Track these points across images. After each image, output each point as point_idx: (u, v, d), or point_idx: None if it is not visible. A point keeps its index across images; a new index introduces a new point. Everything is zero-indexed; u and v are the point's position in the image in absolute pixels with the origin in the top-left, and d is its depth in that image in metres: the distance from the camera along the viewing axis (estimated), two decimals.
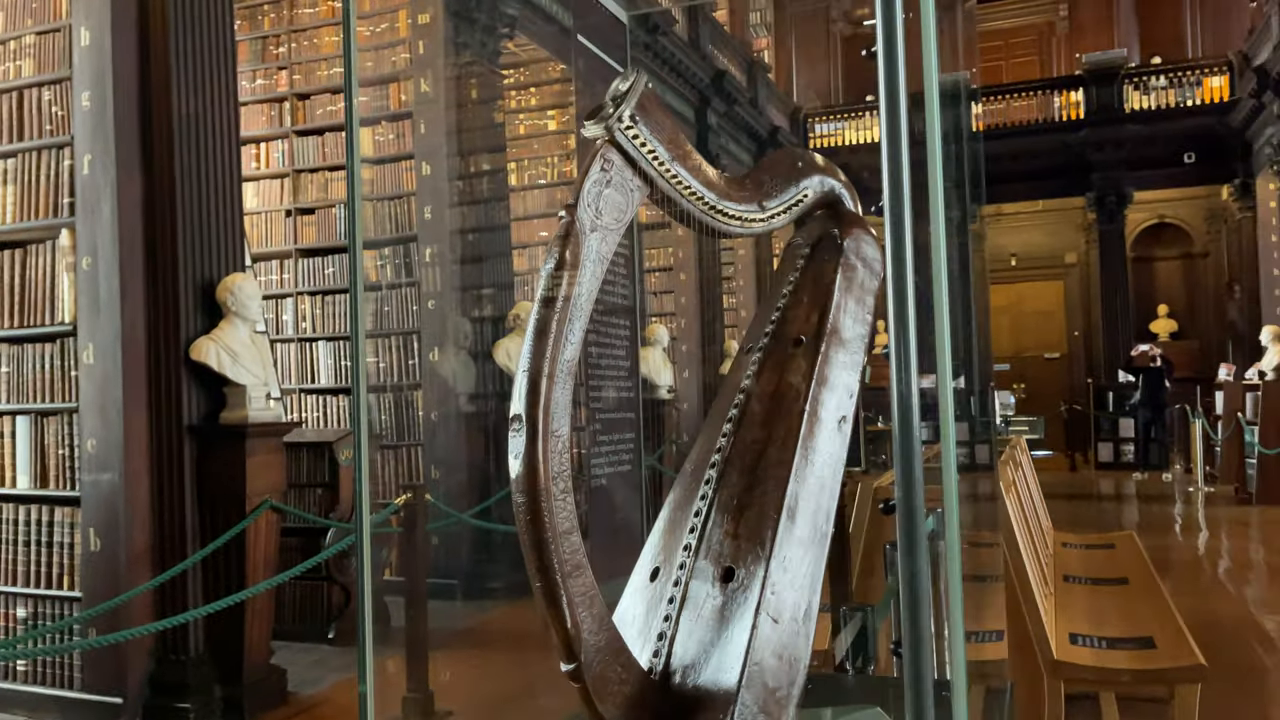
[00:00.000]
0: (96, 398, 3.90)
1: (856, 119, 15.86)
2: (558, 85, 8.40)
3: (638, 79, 1.01)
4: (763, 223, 1.14)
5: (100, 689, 3.87)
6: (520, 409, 0.93)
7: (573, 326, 0.97)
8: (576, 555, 0.94)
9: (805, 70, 17.55)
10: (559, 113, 8.48)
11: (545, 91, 8.46)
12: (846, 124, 15.93)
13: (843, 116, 16.07)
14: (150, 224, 4.01)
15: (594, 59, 1.61)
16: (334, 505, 5.16)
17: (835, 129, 15.82)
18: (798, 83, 17.20)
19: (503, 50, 6.86)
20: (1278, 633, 4.86)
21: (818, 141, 15.49)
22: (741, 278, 12.03)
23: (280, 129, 6.76)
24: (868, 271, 1.20)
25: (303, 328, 6.58)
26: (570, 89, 8.38)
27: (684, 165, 1.04)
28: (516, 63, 8.01)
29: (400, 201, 6.39)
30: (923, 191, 0.91)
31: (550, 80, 8.34)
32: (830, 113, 16.17)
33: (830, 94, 17.56)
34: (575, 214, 0.98)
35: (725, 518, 1.06)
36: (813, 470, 1.05)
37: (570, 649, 0.93)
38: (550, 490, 0.93)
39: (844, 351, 1.13)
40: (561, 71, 8.29)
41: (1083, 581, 4.09)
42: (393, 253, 6.39)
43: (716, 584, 1.03)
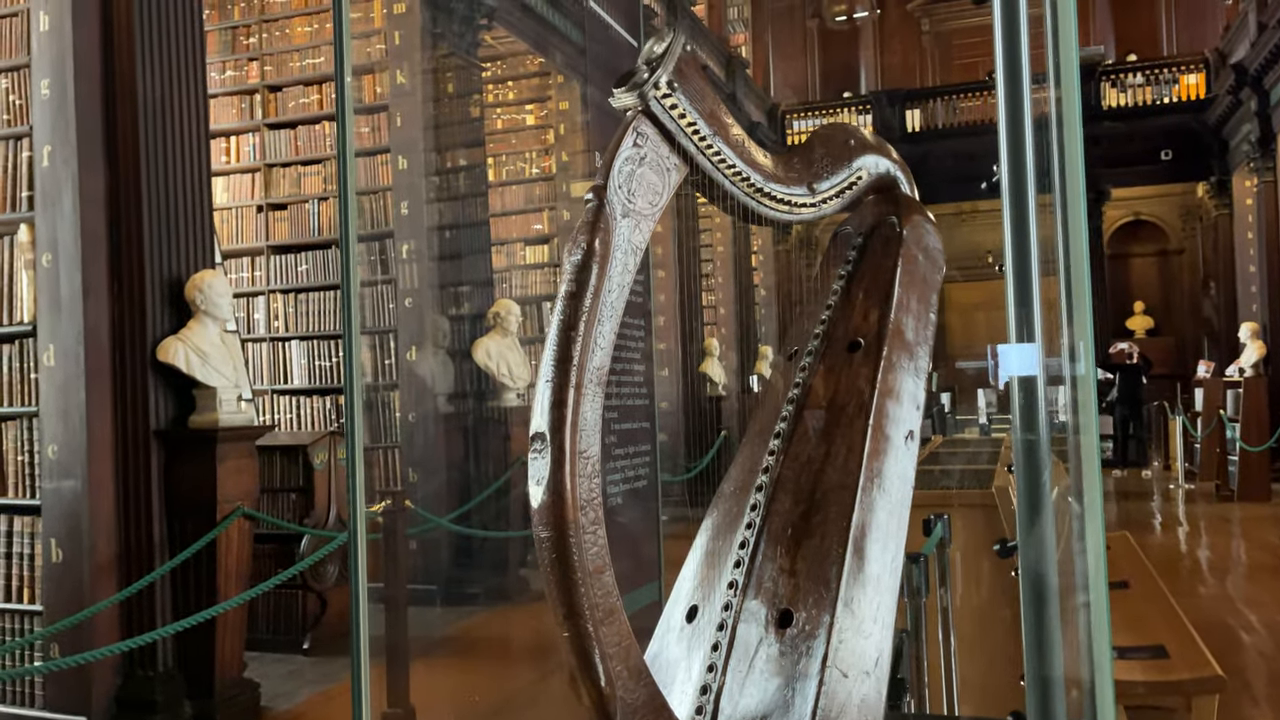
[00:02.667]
0: (58, 401, 3.71)
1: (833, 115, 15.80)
2: (536, 79, 8.23)
3: (675, 39, 0.87)
4: (813, 208, 0.99)
5: (64, 707, 3.68)
6: (543, 426, 0.78)
7: (602, 329, 0.82)
8: (609, 598, 0.80)
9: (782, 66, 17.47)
10: (537, 107, 8.31)
11: (523, 85, 8.29)
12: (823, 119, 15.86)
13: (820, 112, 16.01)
14: (114, 219, 3.82)
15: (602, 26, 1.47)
16: (309, 511, 4.98)
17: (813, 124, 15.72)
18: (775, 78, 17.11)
19: (480, 43, 6.68)
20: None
21: (795, 138, 15.41)
22: (720, 274, 11.90)
23: (250, 122, 6.55)
24: (930, 264, 1.06)
25: (275, 327, 6.38)
26: (548, 82, 8.21)
27: (726, 141, 0.90)
28: (494, 55, 7.83)
29: (376, 197, 6.21)
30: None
31: (529, 74, 8.17)
32: (808, 109, 16.09)
33: (808, 90, 17.49)
34: (604, 196, 0.83)
35: (779, 550, 0.92)
36: (881, 494, 0.91)
37: (604, 710, 0.78)
38: (579, 522, 0.78)
39: (908, 356, 0.98)
40: (540, 65, 8.12)
41: None
42: (368, 249, 6.20)
43: (771, 629, 0.88)
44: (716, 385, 9.68)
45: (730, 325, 11.38)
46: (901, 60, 17.29)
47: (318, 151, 6.41)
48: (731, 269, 11.72)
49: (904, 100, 15.24)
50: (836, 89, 17.20)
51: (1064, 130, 0.84)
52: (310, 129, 6.44)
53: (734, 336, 11.26)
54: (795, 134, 15.58)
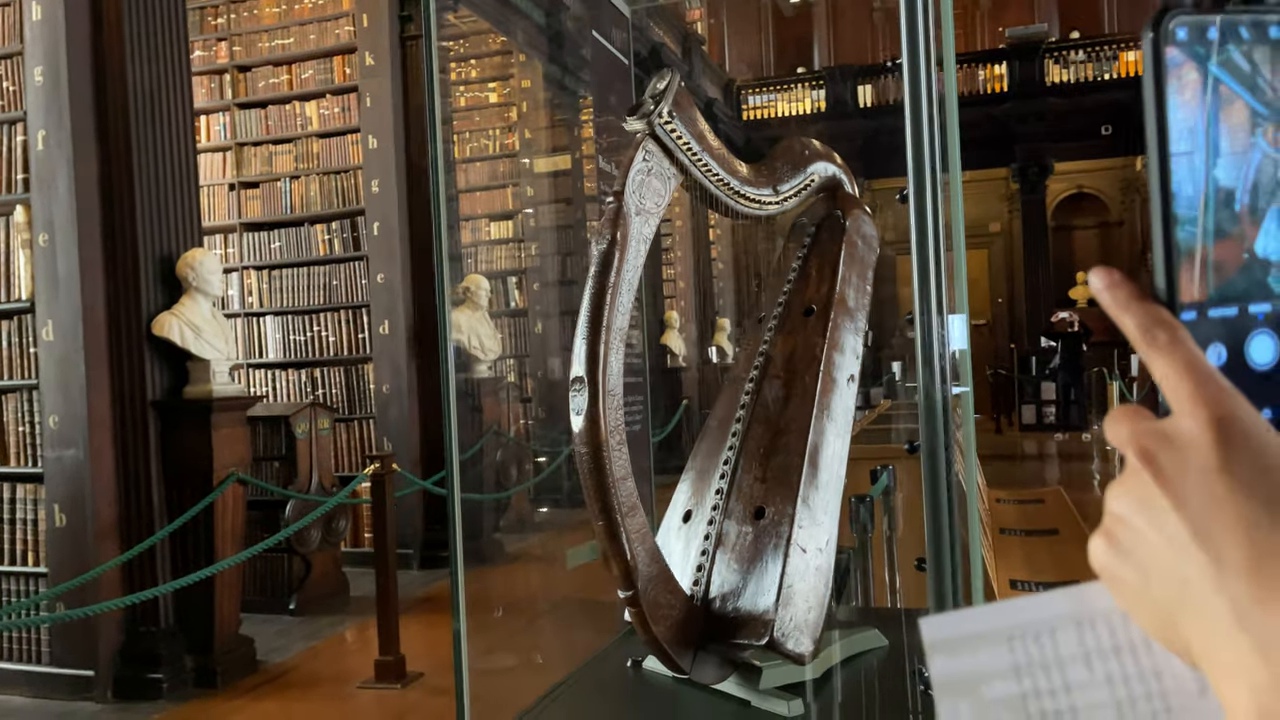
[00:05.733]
0: (58, 374, 3.91)
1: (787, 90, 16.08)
2: (498, 58, 8.41)
3: (673, 79, 1.14)
4: (777, 205, 1.28)
5: (70, 663, 3.90)
6: (581, 371, 1.07)
7: (622, 300, 1.11)
8: (632, 498, 1.08)
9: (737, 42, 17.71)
10: (500, 85, 8.50)
11: (486, 64, 8.47)
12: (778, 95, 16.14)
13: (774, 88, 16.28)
14: (107, 199, 4.00)
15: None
16: (292, 478, 5.21)
17: (768, 100, 16.01)
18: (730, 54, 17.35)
19: (445, 22, 6.86)
20: None
21: (751, 113, 15.68)
22: (680, 248, 12.19)
23: (221, 101, 6.69)
24: (867, 247, 1.36)
25: (249, 302, 6.56)
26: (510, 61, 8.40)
27: (712, 155, 1.18)
28: (457, 34, 8.00)
29: (347, 175, 6.39)
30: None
31: (491, 52, 8.35)
32: (762, 84, 16.35)
33: (762, 66, 17.75)
34: (622, 199, 1.11)
35: (754, 464, 1.21)
36: (829, 422, 1.21)
37: (629, 578, 1.07)
38: (609, 442, 1.07)
39: (850, 319, 1.28)
40: (502, 44, 8.30)
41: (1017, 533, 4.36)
42: (340, 226, 6.39)
43: (748, 522, 1.18)
44: (677, 356, 9.98)
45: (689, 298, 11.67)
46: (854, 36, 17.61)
47: (289, 131, 6.57)
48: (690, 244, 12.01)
49: (856, 76, 15.57)
50: (790, 65, 17.48)
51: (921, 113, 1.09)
52: (281, 109, 6.59)
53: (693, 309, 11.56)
54: (750, 109, 15.85)
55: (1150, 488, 0.35)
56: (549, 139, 8.90)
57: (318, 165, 6.50)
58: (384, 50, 6.13)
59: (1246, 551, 0.32)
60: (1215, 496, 0.33)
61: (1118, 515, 0.37)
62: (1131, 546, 0.36)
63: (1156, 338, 0.36)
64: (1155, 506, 0.35)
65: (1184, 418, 0.35)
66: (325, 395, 6.30)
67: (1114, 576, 0.37)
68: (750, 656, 1.14)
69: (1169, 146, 0.37)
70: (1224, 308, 0.38)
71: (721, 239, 12.93)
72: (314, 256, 6.43)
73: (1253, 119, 0.37)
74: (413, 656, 4.10)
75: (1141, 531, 0.36)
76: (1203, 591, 0.33)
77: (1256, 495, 0.33)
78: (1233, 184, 0.37)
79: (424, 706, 3.79)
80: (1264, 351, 0.38)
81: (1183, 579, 0.34)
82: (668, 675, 1.23)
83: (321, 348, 6.39)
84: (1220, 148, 0.37)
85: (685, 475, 1.30)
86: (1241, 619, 0.32)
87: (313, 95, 6.52)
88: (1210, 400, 0.35)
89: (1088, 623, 0.39)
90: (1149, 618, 0.37)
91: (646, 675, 1.28)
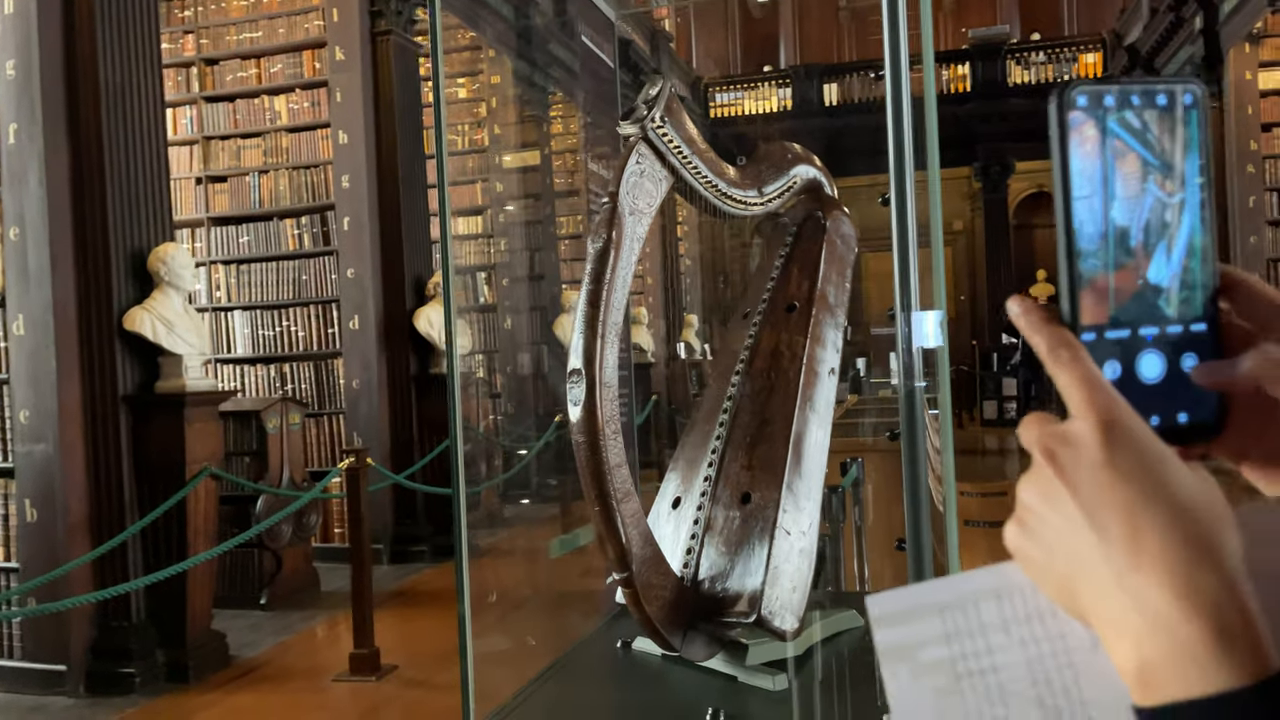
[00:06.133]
0: (28, 368, 3.89)
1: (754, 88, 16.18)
2: (467, 53, 8.41)
3: (665, 85, 1.20)
4: (761, 205, 1.34)
5: (42, 657, 3.89)
6: (579, 365, 1.12)
7: (617, 297, 1.16)
8: (626, 485, 1.14)
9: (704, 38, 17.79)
10: (468, 80, 8.50)
11: (454, 59, 8.47)
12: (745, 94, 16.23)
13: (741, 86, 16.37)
14: (78, 194, 3.99)
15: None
16: (263, 473, 5.21)
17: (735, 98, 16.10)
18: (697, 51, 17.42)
19: (415, 19, 6.85)
20: None
21: (718, 111, 15.76)
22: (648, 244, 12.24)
23: (188, 94, 6.64)
24: (845, 247, 1.42)
25: (217, 297, 6.53)
26: (480, 56, 8.41)
27: (701, 158, 1.24)
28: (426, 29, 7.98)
29: (318, 170, 6.37)
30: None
31: (460, 48, 8.35)
32: (729, 82, 16.44)
33: (729, 63, 17.85)
34: (617, 200, 1.17)
35: (740, 453, 1.28)
36: (812, 412, 1.27)
37: (624, 561, 1.13)
38: (604, 431, 1.12)
39: (830, 314, 1.35)
40: (471, 39, 8.30)
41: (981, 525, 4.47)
42: (310, 221, 6.38)
43: (735, 507, 1.24)
44: (645, 352, 10.05)
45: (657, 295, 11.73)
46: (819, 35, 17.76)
47: (257, 125, 6.54)
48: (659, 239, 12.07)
49: (821, 75, 15.70)
50: (757, 62, 17.59)
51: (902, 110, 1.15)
52: (249, 102, 6.56)
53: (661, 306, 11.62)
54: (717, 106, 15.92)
55: (1052, 480, 0.42)
56: (518, 135, 8.91)
57: (287, 160, 6.48)
58: (354, 45, 6.12)
59: (1126, 529, 0.39)
60: (1101, 485, 0.40)
61: (1026, 503, 0.44)
62: (1037, 529, 0.43)
63: (1060, 356, 0.43)
64: (1056, 495, 0.42)
65: (1078, 422, 0.42)
66: (295, 390, 6.29)
67: (1024, 555, 0.44)
68: (737, 634, 1.20)
69: (1072, 192, 0.44)
70: (1118, 330, 0.45)
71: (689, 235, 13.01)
72: (283, 251, 6.42)
73: (1144, 168, 0.44)
74: (386, 650, 4.13)
75: (1045, 516, 0.43)
76: (1093, 562, 0.40)
77: (1134, 484, 0.40)
78: (1128, 222, 0.44)
79: (400, 699, 3.83)
80: (1152, 368, 0.45)
81: (1078, 554, 0.41)
82: (657, 655, 1.29)
83: (291, 343, 6.38)
84: (1116, 192, 0.44)
85: (674, 464, 1.36)
86: (1121, 582, 0.39)
87: (282, 89, 6.50)
88: (1099, 407, 0.41)
89: (1005, 595, 0.46)
90: (1053, 588, 0.43)
91: (636, 655, 1.34)
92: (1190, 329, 0.45)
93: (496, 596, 4.53)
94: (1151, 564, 0.39)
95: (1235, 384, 0.45)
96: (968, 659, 0.46)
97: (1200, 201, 0.45)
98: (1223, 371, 0.45)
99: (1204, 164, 0.45)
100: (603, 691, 1.32)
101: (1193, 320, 0.45)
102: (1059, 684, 0.44)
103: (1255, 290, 0.48)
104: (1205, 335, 0.45)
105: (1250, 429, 0.46)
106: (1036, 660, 0.45)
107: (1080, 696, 0.44)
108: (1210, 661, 0.37)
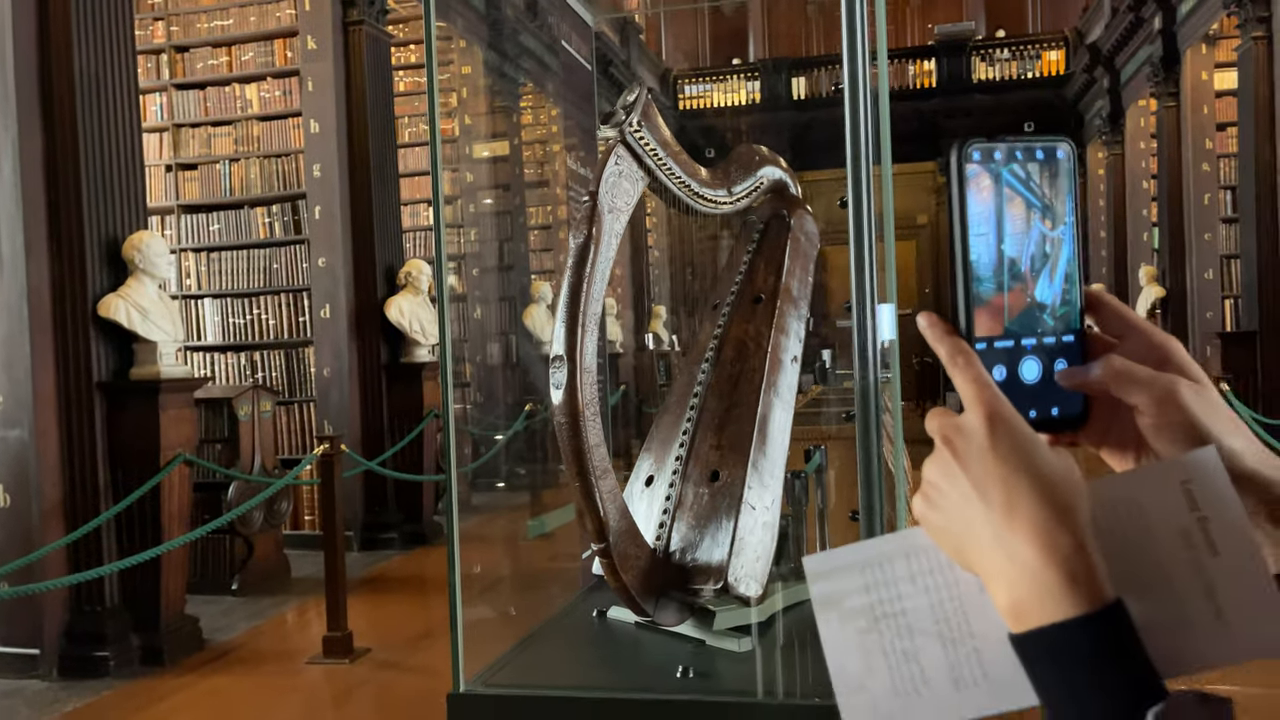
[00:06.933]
0: (3, 355, 3.91)
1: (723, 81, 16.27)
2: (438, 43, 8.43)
3: (642, 92, 1.29)
4: (730, 204, 1.44)
5: (16, 641, 3.93)
6: (561, 350, 1.21)
7: (596, 288, 1.25)
8: (604, 463, 1.23)
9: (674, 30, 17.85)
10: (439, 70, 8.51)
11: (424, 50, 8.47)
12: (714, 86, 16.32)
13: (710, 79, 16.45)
14: (52, 182, 4.01)
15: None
16: (234, 460, 5.24)
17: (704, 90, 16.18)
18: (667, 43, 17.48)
19: (387, 9, 6.88)
20: None
21: (687, 103, 15.84)
22: None
23: (158, 82, 6.63)
24: (809, 243, 1.52)
25: (187, 285, 6.54)
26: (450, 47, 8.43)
27: (675, 160, 1.33)
28: (398, 19, 8.01)
29: (289, 159, 6.39)
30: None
31: None
32: (698, 74, 16.52)
33: (699, 55, 17.92)
34: (597, 198, 1.26)
35: (710, 434, 1.37)
36: (776, 396, 1.37)
37: (602, 533, 1.22)
38: (584, 413, 1.21)
39: (794, 306, 1.45)
40: (441, 29, 8.32)
41: None
42: (280, 210, 6.40)
43: (705, 484, 1.34)
44: (613, 343, 10.12)
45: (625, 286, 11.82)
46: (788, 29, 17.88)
47: (228, 113, 6.55)
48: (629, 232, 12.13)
49: (789, 68, 15.82)
50: (726, 55, 17.68)
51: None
52: (220, 90, 6.57)
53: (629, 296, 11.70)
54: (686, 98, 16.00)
55: (949, 461, 0.53)
56: (489, 125, 8.95)
57: (258, 148, 6.49)
58: (326, 34, 6.14)
59: (1003, 498, 0.50)
60: (986, 465, 0.51)
61: (929, 480, 0.55)
62: (938, 500, 0.54)
63: (957, 361, 0.54)
64: (952, 473, 0.53)
65: (969, 414, 0.53)
66: (265, 378, 6.32)
67: (927, 521, 0.55)
68: (706, 601, 1.30)
69: (969, 230, 0.54)
70: (1004, 340, 0.55)
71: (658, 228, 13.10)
72: (254, 240, 6.44)
73: (1029, 210, 0.55)
74: (359, 633, 4.20)
75: (944, 490, 0.53)
76: (979, 525, 0.51)
77: (1010, 464, 0.51)
78: (1017, 253, 0.55)
79: (373, 680, 3.90)
80: (1030, 371, 0.56)
81: (968, 519, 0.52)
82: (630, 622, 1.39)
83: (262, 331, 6.40)
84: (1007, 229, 0.54)
85: (647, 445, 1.46)
86: (1000, 539, 0.50)
87: (253, 78, 6.51)
88: (986, 403, 0.52)
89: (912, 554, 0.57)
90: (950, 547, 0.54)
91: (611, 623, 1.44)
92: (1062, 340, 0.56)
93: (480, 568, 4.61)
94: (1022, 525, 0.50)
95: (1089, 386, 0.56)
96: (883, 604, 0.57)
97: (1073, 236, 0.56)
98: (1078, 376, 0.56)
99: (1075, 205, 0.56)
100: (581, 653, 1.41)
101: (1064, 333, 0.56)
102: (954, 621, 0.56)
103: (1114, 309, 0.60)
104: (1073, 345, 0.56)
105: (1105, 421, 0.58)
106: (937, 604, 0.56)
107: (970, 630, 0.55)
108: (1064, 597, 0.48)
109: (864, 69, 1.25)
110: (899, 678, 0.56)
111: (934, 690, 0.55)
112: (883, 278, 1.18)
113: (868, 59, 1.26)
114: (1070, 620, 0.48)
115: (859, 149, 1.23)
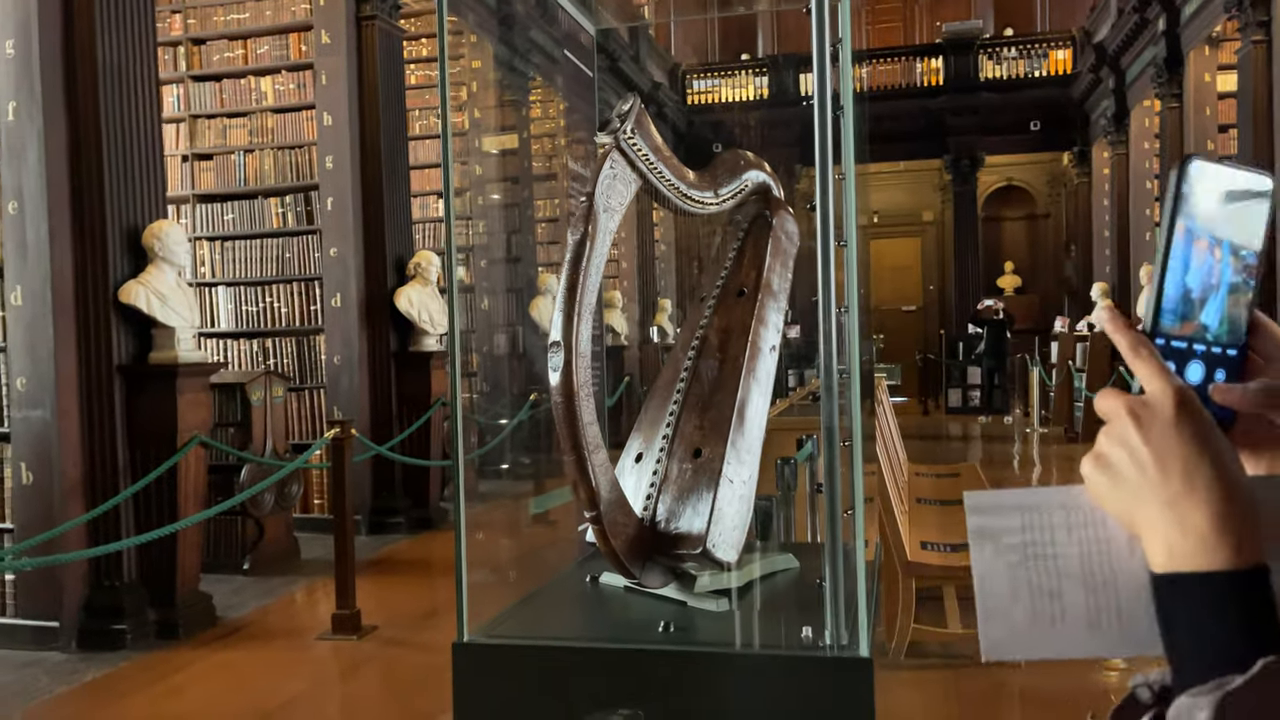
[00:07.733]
0: (26, 338, 4.06)
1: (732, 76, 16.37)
2: (450, 38, 8.55)
3: (635, 101, 1.42)
4: (716, 206, 1.57)
5: (35, 614, 4.08)
6: (559, 336, 1.34)
7: (592, 280, 1.38)
8: (597, 439, 1.36)
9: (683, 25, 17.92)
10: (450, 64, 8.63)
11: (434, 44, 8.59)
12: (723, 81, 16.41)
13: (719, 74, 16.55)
14: (76, 169, 4.15)
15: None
16: (246, 444, 5.39)
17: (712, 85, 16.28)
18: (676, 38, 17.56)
19: (400, 4, 7.01)
20: None
21: (696, 98, 15.94)
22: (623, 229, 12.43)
23: (175, 74, 6.76)
24: (789, 242, 1.65)
25: (202, 273, 6.68)
26: (460, 41, 8.55)
27: (666, 164, 1.46)
28: (411, 13, 8.13)
29: (302, 150, 6.53)
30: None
31: None
32: (707, 70, 16.62)
33: (708, 51, 18.01)
34: (593, 198, 1.39)
35: (694, 415, 1.51)
36: (754, 382, 1.50)
37: (594, 502, 1.35)
38: (579, 393, 1.34)
39: (774, 300, 1.58)
40: (452, 24, 8.44)
41: (932, 503, 4.74)
42: (294, 200, 6.54)
43: (688, 460, 1.47)
44: (619, 335, 10.25)
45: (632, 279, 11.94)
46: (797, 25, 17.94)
47: (244, 105, 6.68)
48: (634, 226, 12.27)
49: (798, 65, 15.90)
50: (735, 50, 17.77)
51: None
52: (236, 83, 6.70)
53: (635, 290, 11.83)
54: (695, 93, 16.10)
55: (1130, 431, 0.58)
56: (498, 118, 9.08)
57: (272, 140, 6.63)
58: (339, 29, 6.27)
59: (1183, 470, 0.56)
60: (1169, 440, 0.57)
61: (1103, 446, 0.61)
62: (1111, 465, 0.60)
63: (1140, 352, 0.60)
64: (1131, 444, 0.58)
65: (1155, 394, 0.59)
66: (277, 365, 6.46)
67: (1093, 481, 0.61)
68: (688, 566, 1.43)
69: (1173, 239, 0.61)
70: (1179, 341, 0.63)
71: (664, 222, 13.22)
72: (267, 229, 6.58)
73: (1228, 228, 0.62)
74: (367, 612, 4.34)
75: (1118, 456, 0.59)
76: (1151, 490, 0.57)
77: (1193, 444, 0.57)
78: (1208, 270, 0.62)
79: (380, 655, 4.04)
80: (1194, 374, 0.64)
81: (1138, 484, 0.58)
82: (620, 586, 1.52)
83: (273, 319, 6.55)
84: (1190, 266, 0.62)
85: (637, 425, 1.59)
86: (1173, 506, 0.56)
87: (268, 70, 6.64)
88: (1175, 387, 0.58)
89: (1071, 508, 0.63)
90: (1115, 507, 0.60)
91: (603, 588, 1.57)
92: (1226, 352, 0.64)
93: (483, 536, 4.76)
94: (1200, 496, 0.56)
95: (1238, 405, 0.64)
96: (1037, 545, 0.63)
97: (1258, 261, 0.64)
98: (1231, 395, 0.64)
99: (1266, 233, 0.64)
100: (574, 611, 1.54)
101: (1229, 346, 0.64)
102: (1100, 574, 0.62)
103: (1270, 331, 0.66)
104: (1235, 359, 0.64)
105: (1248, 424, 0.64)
106: (1086, 556, 0.62)
107: (1116, 583, 0.62)
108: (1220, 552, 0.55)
109: (828, 70, 1.35)
110: (1040, 610, 0.62)
111: (1069, 626, 0.62)
112: (841, 277, 1.31)
113: (828, 61, 1.37)
114: (1217, 571, 0.54)
115: (825, 151, 1.35)
